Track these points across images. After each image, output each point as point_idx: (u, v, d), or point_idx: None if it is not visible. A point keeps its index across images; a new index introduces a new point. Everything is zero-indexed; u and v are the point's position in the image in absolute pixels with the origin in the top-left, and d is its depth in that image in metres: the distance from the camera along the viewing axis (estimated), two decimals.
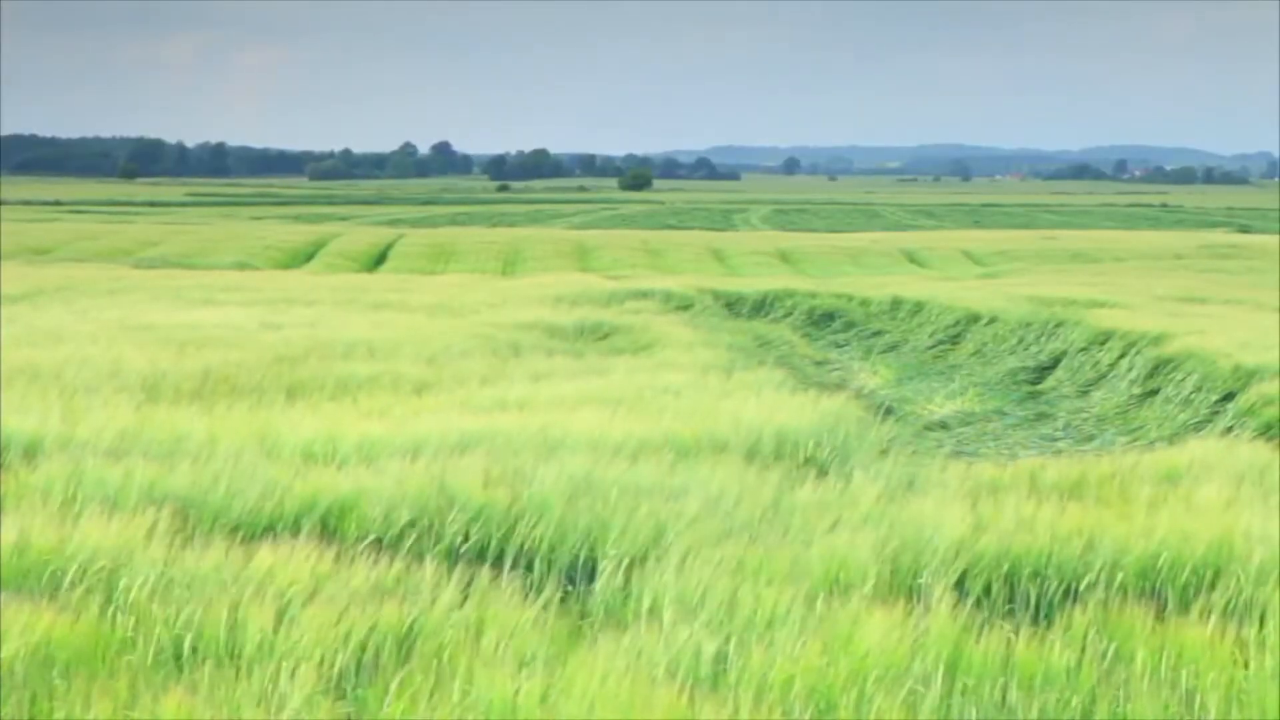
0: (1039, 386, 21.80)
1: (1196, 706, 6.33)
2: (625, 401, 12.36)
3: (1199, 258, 50.45)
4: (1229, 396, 17.37)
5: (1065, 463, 10.30)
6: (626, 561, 7.57)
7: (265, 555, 7.35)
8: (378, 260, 53.41)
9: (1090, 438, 17.48)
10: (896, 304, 30.45)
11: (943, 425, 18.42)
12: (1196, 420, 17.23)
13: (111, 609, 6.84)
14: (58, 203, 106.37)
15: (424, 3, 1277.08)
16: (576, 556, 8.00)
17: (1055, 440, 17.39)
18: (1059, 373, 22.39)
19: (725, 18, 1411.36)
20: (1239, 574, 7.53)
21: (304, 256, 53.05)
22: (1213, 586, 7.43)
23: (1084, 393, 20.85)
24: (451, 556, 7.99)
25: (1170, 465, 10.19)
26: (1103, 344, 22.38)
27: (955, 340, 26.68)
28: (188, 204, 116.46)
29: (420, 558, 7.66)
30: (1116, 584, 7.59)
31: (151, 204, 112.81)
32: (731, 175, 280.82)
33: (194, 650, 6.52)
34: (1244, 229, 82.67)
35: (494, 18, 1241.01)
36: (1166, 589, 7.62)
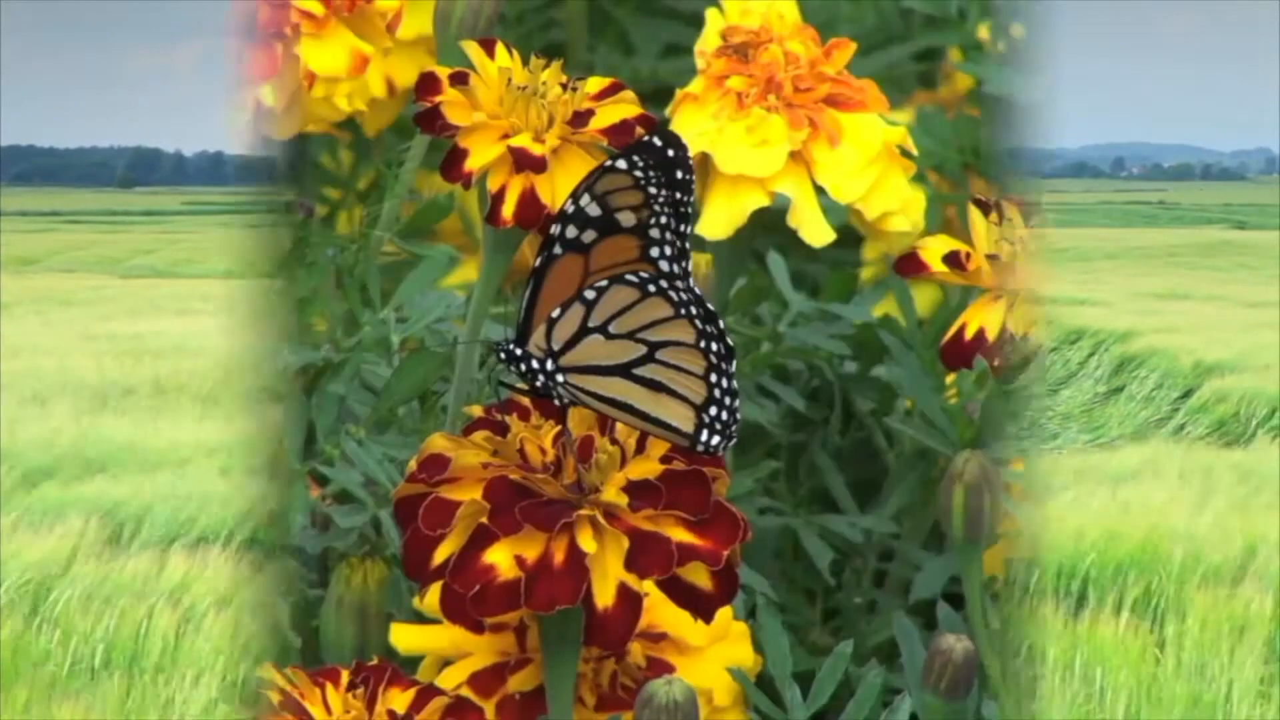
0: (1010, 387, 21.85)
1: (1107, 702, 6.38)
2: None
3: (1192, 254, 50.50)
4: (1189, 393, 17.36)
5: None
6: None
7: (184, 564, 7.39)
8: None
9: (1054, 436, 17.50)
10: None
11: None
12: (1158, 417, 17.18)
13: (36, 620, 6.89)
14: (55, 213, 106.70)
15: None
16: None
17: (1020, 440, 17.40)
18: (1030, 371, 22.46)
19: None
20: (1156, 571, 7.57)
21: None
22: (1116, 581, 7.47)
23: (1052, 391, 20.86)
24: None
25: (1104, 466, 10.20)
26: (1073, 342, 22.41)
27: None
28: (184, 213, 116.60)
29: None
30: (1034, 582, 7.62)
31: (148, 213, 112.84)
32: None
33: (106, 661, 6.57)
34: (1241, 225, 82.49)
35: None
36: (1084, 587, 7.66)
